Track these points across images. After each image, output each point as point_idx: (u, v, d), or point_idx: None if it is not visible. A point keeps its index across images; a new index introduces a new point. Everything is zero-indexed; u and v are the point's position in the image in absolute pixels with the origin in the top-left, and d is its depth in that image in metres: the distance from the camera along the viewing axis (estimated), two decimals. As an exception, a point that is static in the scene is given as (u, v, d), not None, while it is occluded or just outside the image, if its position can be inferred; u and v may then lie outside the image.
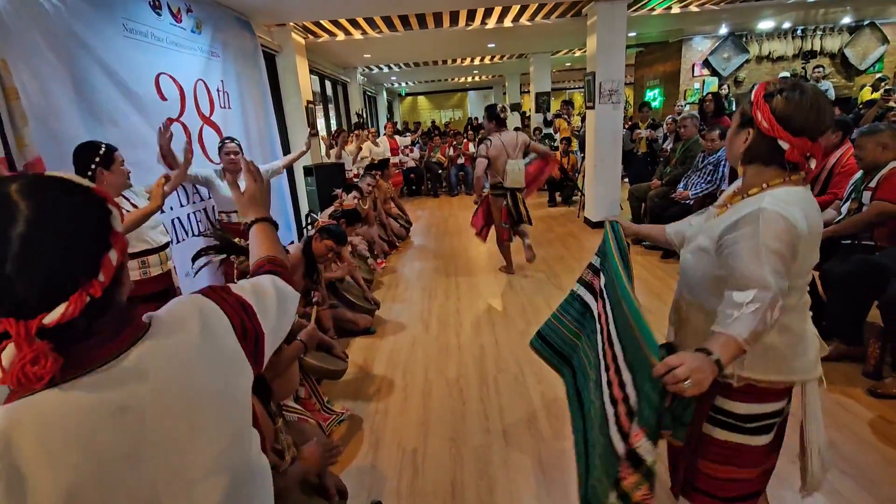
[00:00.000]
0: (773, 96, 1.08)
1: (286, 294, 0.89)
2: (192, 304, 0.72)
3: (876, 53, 8.57)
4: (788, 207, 1.06)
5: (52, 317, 0.53)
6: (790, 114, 1.06)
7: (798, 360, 1.16)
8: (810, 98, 1.06)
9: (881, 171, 2.61)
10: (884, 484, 1.77)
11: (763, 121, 1.09)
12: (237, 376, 0.72)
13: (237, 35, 4.53)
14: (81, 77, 2.55)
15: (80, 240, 0.57)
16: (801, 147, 1.07)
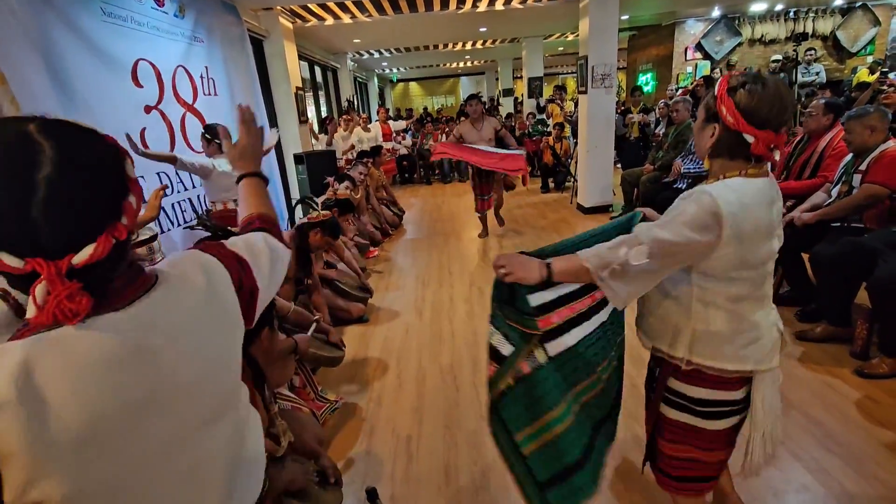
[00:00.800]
0: (737, 90, 1.08)
1: (278, 251, 0.89)
2: (194, 259, 0.73)
3: (867, 35, 8.56)
4: (724, 191, 1.07)
5: (81, 257, 0.54)
6: (754, 107, 1.06)
7: (748, 349, 1.16)
8: (772, 90, 1.06)
9: (871, 153, 2.62)
10: (869, 461, 1.81)
11: (728, 115, 1.09)
12: (235, 330, 0.75)
13: (222, 19, 4.43)
14: (57, 63, 2.49)
15: (104, 183, 0.58)
16: (766, 139, 1.07)
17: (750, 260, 1.11)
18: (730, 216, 1.05)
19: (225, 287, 0.73)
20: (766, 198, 1.10)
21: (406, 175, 9.54)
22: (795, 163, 3.29)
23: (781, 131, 1.08)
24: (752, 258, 1.11)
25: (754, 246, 1.10)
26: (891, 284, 2.20)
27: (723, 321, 1.15)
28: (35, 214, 0.51)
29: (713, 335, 1.16)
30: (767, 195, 1.11)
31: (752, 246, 1.09)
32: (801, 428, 2.00)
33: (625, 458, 1.93)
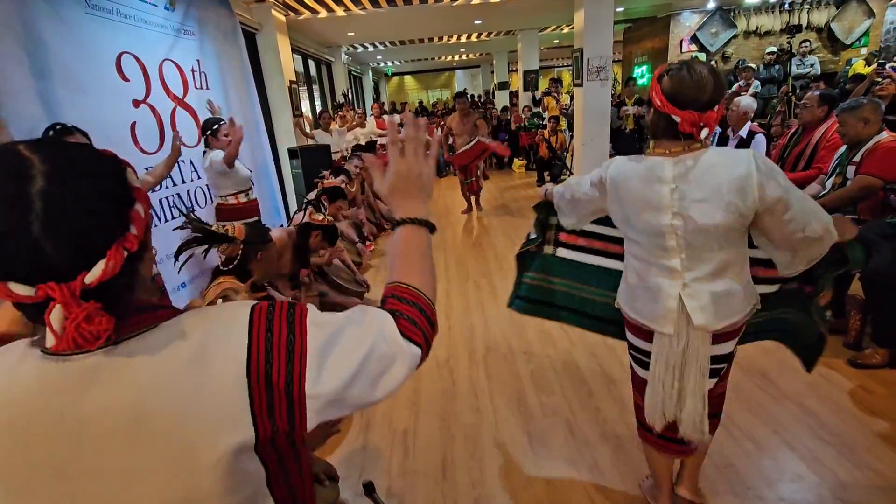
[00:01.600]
0: (663, 77, 1.23)
1: (384, 356, 0.62)
2: (208, 319, 0.59)
3: (862, 27, 8.55)
4: (618, 162, 1.35)
5: (94, 274, 0.49)
6: (675, 90, 1.20)
7: (638, 303, 1.37)
8: (694, 75, 1.18)
9: (865, 145, 2.62)
10: (863, 451, 1.83)
11: (656, 99, 1.23)
12: (217, 432, 0.54)
13: (214, 12, 4.37)
14: (39, 56, 2.44)
15: (104, 192, 0.53)
16: (689, 119, 1.18)
17: (634, 223, 1.32)
18: (610, 181, 1.34)
19: (225, 371, 0.55)
20: (646, 177, 1.26)
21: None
22: (790, 154, 3.30)
23: (707, 112, 1.19)
24: (635, 222, 1.31)
25: (634, 212, 1.30)
26: (883, 276, 2.21)
27: (632, 274, 1.39)
28: (36, 232, 0.47)
29: (626, 284, 1.43)
30: (649, 175, 1.26)
31: (632, 211, 1.31)
32: (795, 418, 2.02)
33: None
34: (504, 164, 9.64)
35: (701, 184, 1.19)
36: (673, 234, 1.25)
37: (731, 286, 1.28)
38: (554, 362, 2.60)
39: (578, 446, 1.98)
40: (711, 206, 1.18)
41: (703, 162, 1.20)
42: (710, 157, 1.20)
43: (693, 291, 1.28)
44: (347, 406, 0.62)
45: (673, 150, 1.24)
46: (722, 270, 1.27)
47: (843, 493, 1.66)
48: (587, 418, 2.14)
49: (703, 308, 1.27)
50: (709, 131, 1.22)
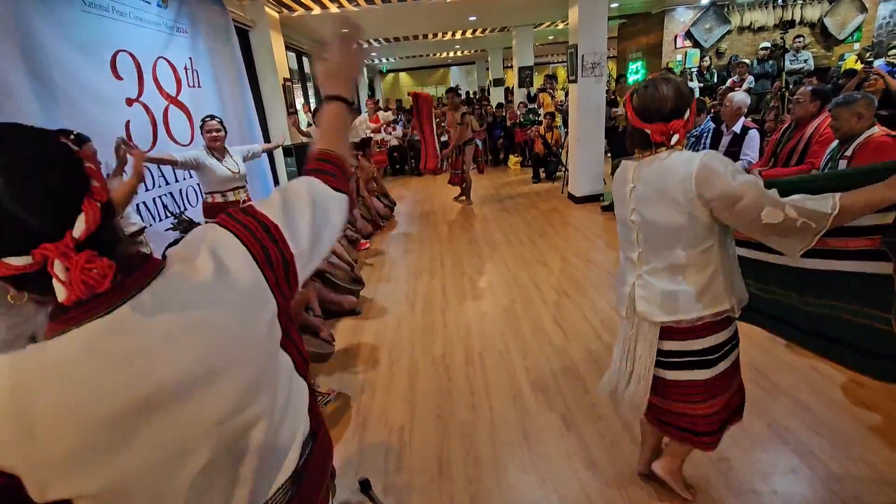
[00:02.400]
0: (633, 96, 1.38)
1: (325, 199, 0.78)
2: (201, 238, 0.67)
3: (855, 22, 8.58)
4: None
5: (79, 228, 0.53)
6: (642, 106, 1.34)
7: (617, 291, 1.55)
8: (656, 92, 1.31)
9: (856, 139, 2.64)
10: (855, 443, 1.84)
11: (629, 115, 1.39)
12: (256, 312, 0.67)
13: (207, 9, 4.34)
14: (35, 54, 2.42)
15: (54, 157, 0.55)
16: (658, 129, 1.32)
17: (618, 216, 1.50)
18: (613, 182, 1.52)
19: (240, 265, 0.66)
20: (620, 178, 1.46)
21: (397, 166, 9.48)
22: (783, 150, 3.31)
23: (672, 121, 1.30)
24: (619, 215, 1.49)
25: (616, 208, 1.50)
26: (876, 269, 2.22)
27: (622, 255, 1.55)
28: (10, 207, 0.50)
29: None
30: (621, 176, 1.45)
31: (616, 207, 1.51)
32: (789, 412, 2.03)
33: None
34: (500, 161, 9.63)
35: (651, 184, 1.33)
36: (635, 228, 1.42)
37: (681, 286, 1.35)
38: (549, 358, 2.60)
39: (574, 442, 1.99)
40: (659, 204, 1.32)
41: (660, 164, 1.31)
42: (670, 160, 1.30)
43: (644, 283, 1.43)
44: (320, 254, 0.78)
45: (644, 155, 1.39)
46: (676, 269, 1.36)
47: (836, 485, 1.67)
48: (582, 414, 2.15)
49: (647, 299, 1.41)
50: (679, 137, 1.32)
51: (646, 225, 1.37)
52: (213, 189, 3.27)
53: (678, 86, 1.33)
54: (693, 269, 1.34)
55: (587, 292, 3.39)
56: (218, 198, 3.30)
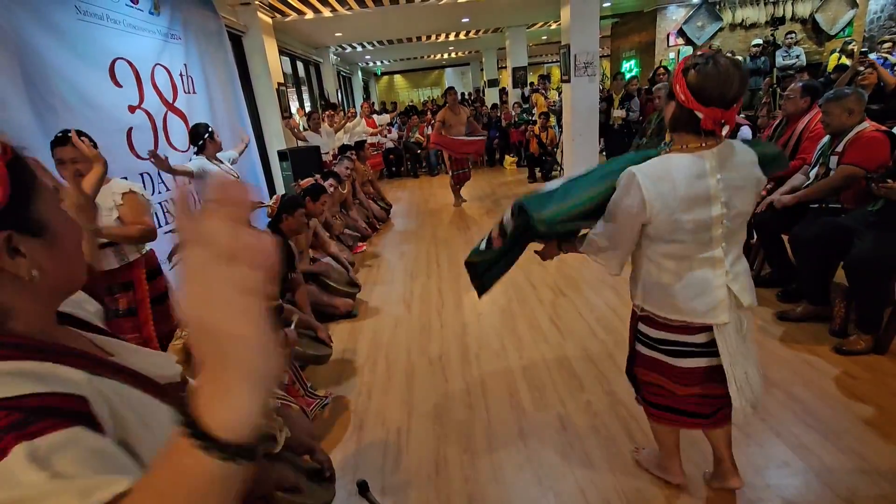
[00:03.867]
0: (689, 70, 1.21)
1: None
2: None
3: (845, 18, 8.63)
4: (640, 177, 1.26)
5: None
6: (701, 86, 1.18)
7: (678, 301, 1.35)
8: (721, 70, 1.17)
9: (847, 135, 2.66)
10: (847, 436, 1.86)
11: (680, 93, 1.22)
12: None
13: (199, 15, 4.35)
14: (31, 64, 2.43)
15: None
16: (713, 116, 1.19)
17: (683, 223, 1.27)
18: (650, 195, 1.24)
19: None
20: (690, 173, 1.24)
21: (393, 168, 9.50)
22: (775, 146, 3.34)
23: (731, 108, 1.19)
24: (685, 222, 1.26)
25: (685, 214, 1.25)
26: (866, 263, 2.24)
27: (666, 275, 1.35)
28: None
29: (659, 287, 1.37)
30: (693, 171, 1.24)
31: (680, 212, 1.25)
32: (782, 405, 2.05)
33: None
34: (495, 161, 9.65)
35: (738, 171, 1.26)
36: (719, 222, 1.28)
37: (745, 264, 1.39)
38: (545, 357, 2.62)
39: (570, 439, 2.00)
40: (745, 191, 1.28)
41: (734, 150, 1.27)
42: (736, 146, 1.28)
43: (734, 275, 1.34)
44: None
45: (690, 146, 1.26)
46: (741, 254, 1.38)
47: (829, 477, 1.69)
48: (578, 412, 2.16)
49: (745, 289, 1.35)
50: (729, 128, 1.24)
51: (732, 216, 1.28)
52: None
53: (741, 67, 1.21)
54: (741, 249, 1.38)
55: (582, 290, 3.41)
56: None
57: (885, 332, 2.34)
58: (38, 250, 0.53)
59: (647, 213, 1.26)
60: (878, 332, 2.34)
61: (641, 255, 1.40)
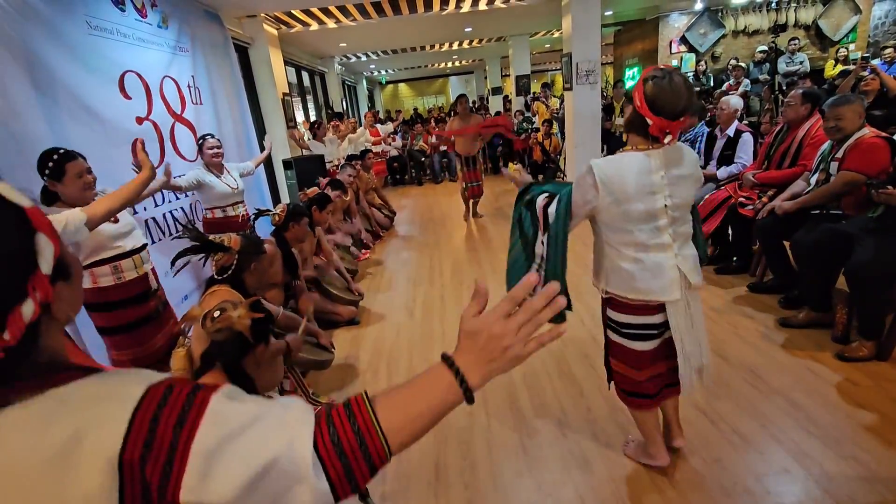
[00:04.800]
0: (647, 81, 1.38)
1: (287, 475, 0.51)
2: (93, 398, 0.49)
3: (849, 24, 8.63)
4: (598, 167, 1.45)
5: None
6: (654, 97, 1.36)
7: (639, 283, 1.52)
8: (674, 87, 1.34)
9: (848, 141, 2.66)
10: (848, 443, 1.85)
11: (637, 100, 1.41)
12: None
13: (206, 28, 4.44)
14: (43, 77, 2.50)
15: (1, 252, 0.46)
16: (660, 124, 1.37)
17: (631, 213, 1.46)
18: (602, 183, 1.44)
19: (91, 469, 0.45)
20: (640, 170, 1.44)
21: (397, 176, 9.57)
22: (776, 152, 3.34)
23: (676, 120, 1.37)
24: (632, 212, 1.45)
25: (633, 203, 1.44)
26: (867, 269, 2.24)
27: (626, 262, 1.53)
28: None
29: (619, 270, 1.55)
30: (642, 168, 1.44)
31: (630, 203, 1.44)
32: (783, 412, 2.05)
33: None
34: (499, 169, 9.68)
35: (680, 168, 1.47)
36: (666, 212, 1.48)
37: (693, 251, 1.59)
38: (546, 363, 2.63)
39: (569, 445, 2.01)
40: (687, 184, 1.49)
41: (678, 150, 1.48)
42: (680, 146, 1.51)
43: (682, 257, 1.54)
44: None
45: (640, 147, 1.47)
46: (687, 238, 1.58)
47: (830, 485, 1.68)
48: (578, 418, 2.17)
49: (692, 269, 1.55)
50: (672, 137, 1.43)
51: (676, 206, 1.49)
52: (214, 205, 3.36)
53: (690, 85, 1.38)
54: (689, 237, 1.58)
55: (583, 297, 3.41)
56: (218, 213, 3.39)
57: (888, 338, 2.33)
58: (66, 292, 0.54)
59: (599, 194, 1.45)
60: (880, 338, 2.33)
61: (603, 244, 1.59)
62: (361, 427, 0.56)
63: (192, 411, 0.49)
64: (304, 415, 0.55)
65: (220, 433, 0.49)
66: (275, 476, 0.50)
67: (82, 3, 2.90)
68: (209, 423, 0.49)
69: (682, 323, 1.55)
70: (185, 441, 0.48)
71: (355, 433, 0.55)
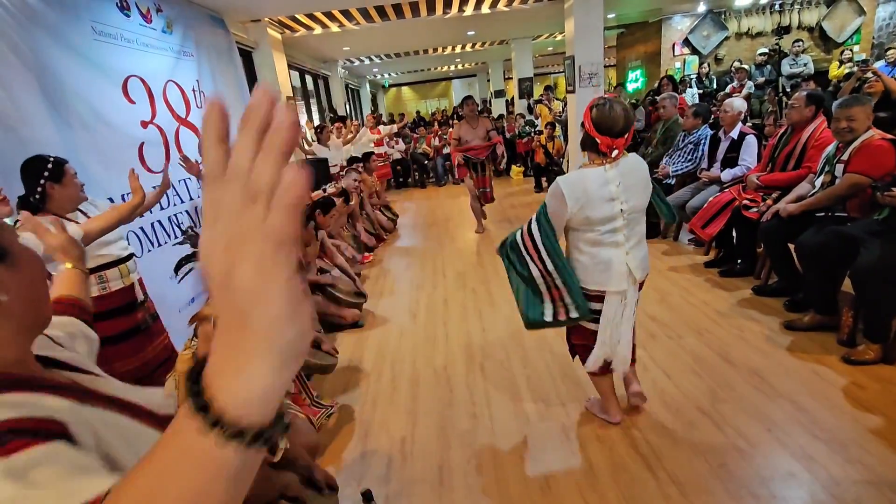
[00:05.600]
0: (593, 108, 1.74)
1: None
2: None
3: (853, 25, 8.61)
4: (561, 183, 1.76)
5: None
6: (598, 121, 1.72)
7: (595, 275, 1.84)
8: (613, 112, 1.69)
9: (853, 143, 2.65)
10: (855, 446, 1.84)
11: (586, 123, 1.76)
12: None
13: (210, 33, 4.47)
14: (50, 82, 2.52)
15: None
16: (605, 142, 1.72)
17: (593, 217, 1.77)
18: (570, 197, 1.74)
19: None
20: (596, 182, 1.75)
21: (401, 179, 9.58)
22: (780, 154, 3.33)
23: (618, 138, 1.71)
24: (594, 216, 1.76)
25: (594, 209, 1.75)
26: (872, 272, 2.23)
27: (585, 257, 1.85)
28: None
29: (581, 265, 1.87)
30: (598, 180, 1.75)
31: (591, 209, 1.75)
32: (788, 416, 2.03)
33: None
34: (502, 172, 9.69)
35: (632, 177, 1.78)
36: (621, 216, 1.78)
37: (645, 250, 1.90)
38: (550, 367, 2.62)
39: (574, 450, 2.00)
40: (639, 191, 1.80)
41: (630, 163, 1.79)
42: (631, 159, 1.81)
43: (632, 255, 1.84)
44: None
45: (595, 162, 1.79)
46: (641, 238, 1.88)
47: (836, 489, 1.67)
48: (583, 422, 2.16)
49: (638, 266, 1.86)
50: (618, 152, 1.74)
51: (631, 211, 1.79)
52: None
53: (628, 110, 1.73)
54: (643, 236, 1.89)
55: (588, 300, 3.41)
56: None
57: (894, 341, 2.31)
58: (6, 278, 0.53)
59: (567, 204, 1.75)
60: (886, 341, 2.32)
61: (570, 244, 1.90)
62: None
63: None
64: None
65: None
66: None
67: (88, 8, 2.93)
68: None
69: (611, 314, 1.87)
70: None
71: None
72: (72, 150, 2.53)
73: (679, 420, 2.09)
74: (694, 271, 3.67)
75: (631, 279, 1.83)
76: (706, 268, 3.68)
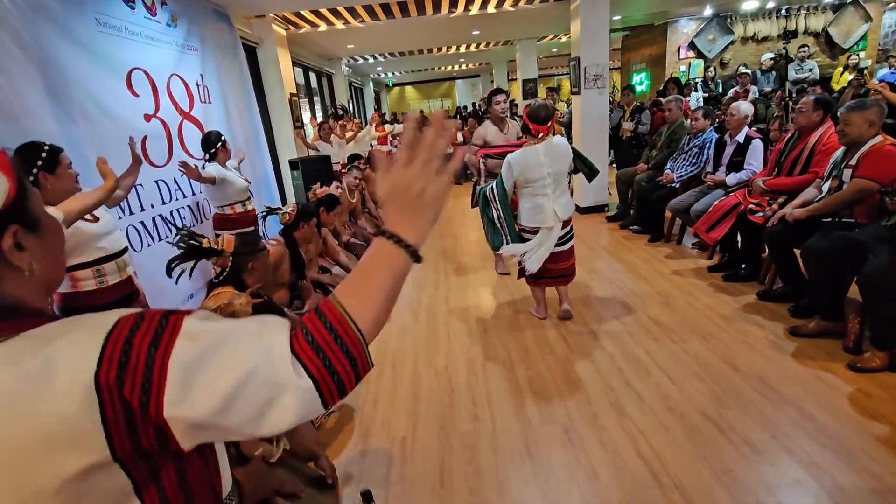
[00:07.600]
0: (528, 107, 2.77)
1: (270, 382, 0.51)
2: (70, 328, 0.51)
3: (859, 31, 8.58)
4: (516, 154, 2.83)
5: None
6: (530, 114, 2.75)
7: (534, 216, 2.86)
8: (538, 108, 2.73)
9: (861, 148, 2.63)
10: (861, 454, 1.82)
11: (525, 118, 2.77)
12: (58, 454, 0.46)
13: (215, 27, 4.45)
14: (53, 74, 2.50)
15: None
16: (535, 128, 2.75)
17: (531, 178, 2.78)
18: (516, 166, 2.79)
19: (67, 386, 0.46)
20: (532, 155, 2.76)
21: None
22: (786, 159, 3.30)
23: (543, 125, 2.74)
24: (531, 177, 2.78)
25: (531, 173, 2.77)
26: (879, 278, 2.21)
27: (528, 203, 2.87)
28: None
29: (523, 209, 2.91)
30: (533, 153, 2.76)
31: (530, 172, 2.77)
32: (794, 423, 2.01)
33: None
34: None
35: (556, 151, 2.79)
36: (550, 178, 2.79)
37: (568, 198, 2.89)
38: (552, 369, 2.60)
39: (576, 453, 1.98)
40: (561, 160, 2.81)
41: (553, 142, 2.79)
42: (555, 140, 2.80)
43: (558, 203, 2.82)
44: (231, 434, 0.52)
45: (531, 143, 2.79)
46: (566, 190, 2.88)
47: (842, 497, 1.65)
48: (585, 425, 2.14)
49: (562, 209, 2.83)
50: (543, 135, 2.76)
51: (556, 174, 2.80)
52: (233, 200, 3.43)
53: (549, 107, 2.75)
54: (568, 189, 2.90)
55: (591, 303, 3.39)
56: (238, 208, 3.49)
57: (901, 349, 2.29)
58: (34, 245, 0.56)
59: (514, 172, 2.79)
60: (893, 348, 2.29)
61: (519, 197, 2.90)
62: (333, 322, 0.56)
63: (165, 333, 0.50)
64: (278, 323, 0.56)
65: (197, 348, 0.50)
66: (256, 384, 0.51)
67: (93, 0, 2.91)
68: (184, 340, 0.50)
69: (538, 240, 2.86)
70: (163, 357, 0.49)
71: (328, 329, 0.56)
72: (74, 142, 2.52)
73: (683, 425, 2.06)
74: (697, 275, 3.65)
75: (556, 218, 2.80)
76: (710, 272, 3.66)
